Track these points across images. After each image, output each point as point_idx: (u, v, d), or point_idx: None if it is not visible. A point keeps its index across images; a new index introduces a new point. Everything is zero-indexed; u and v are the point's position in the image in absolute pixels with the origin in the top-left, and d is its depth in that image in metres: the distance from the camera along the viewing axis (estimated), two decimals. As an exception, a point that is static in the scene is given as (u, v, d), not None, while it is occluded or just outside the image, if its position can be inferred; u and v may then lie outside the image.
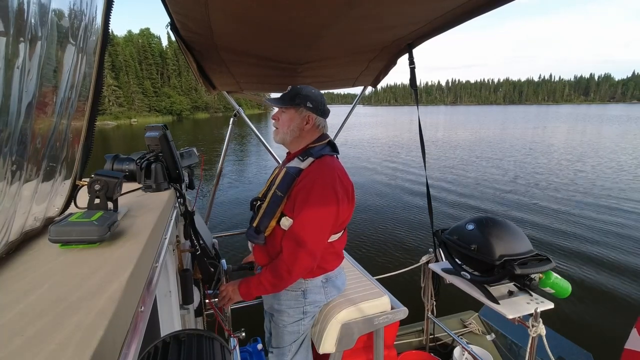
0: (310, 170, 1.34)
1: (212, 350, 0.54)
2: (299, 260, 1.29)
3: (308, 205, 1.27)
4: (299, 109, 1.39)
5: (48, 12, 0.56)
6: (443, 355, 2.36)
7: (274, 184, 1.39)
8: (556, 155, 15.37)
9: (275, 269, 1.33)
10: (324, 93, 1.58)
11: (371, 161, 14.72)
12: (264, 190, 1.48)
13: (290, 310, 1.46)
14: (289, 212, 1.34)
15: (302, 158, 1.38)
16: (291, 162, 1.41)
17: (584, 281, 4.55)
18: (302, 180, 1.33)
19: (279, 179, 1.37)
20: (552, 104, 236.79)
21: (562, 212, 7.39)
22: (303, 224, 1.29)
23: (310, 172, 1.33)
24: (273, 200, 1.36)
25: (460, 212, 7.53)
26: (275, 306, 1.48)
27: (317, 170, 1.33)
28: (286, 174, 1.36)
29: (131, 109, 69.45)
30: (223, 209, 7.96)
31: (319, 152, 1.38)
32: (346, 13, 1.27)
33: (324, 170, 1.33)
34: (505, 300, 1.49)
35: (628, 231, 6.26)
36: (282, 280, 1.33)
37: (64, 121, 0.70)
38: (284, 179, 1.36)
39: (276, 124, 1.44)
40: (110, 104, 65.76)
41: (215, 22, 1.33)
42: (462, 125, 38.78)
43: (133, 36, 79.38)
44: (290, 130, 1.41)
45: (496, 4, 1.28)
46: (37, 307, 0.44)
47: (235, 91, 2.70)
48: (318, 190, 1.28)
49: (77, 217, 0.67)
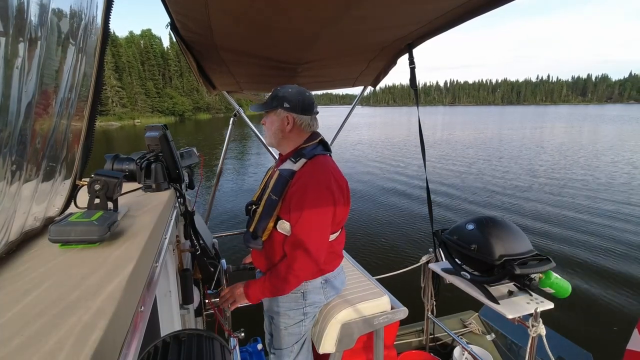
0: (303, 171, 1.33)
1: (212, 350, 0.54)
2: (305, 264, 1.29)
3: (305, 208, 1.27)
4: (277, 111, 1.38)
5: (48, 12, 0.56)
6: (443, 355, 2.36)
7: (267, 187, 1.39)
8: (557, 155, 15.37)
9: (281, 274, 1.32)
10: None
11: (371, 161, 14.72)
12: (258, 193, 1.48)
13: (290, 312, 1.45)
14: (284, 215, 1.34)
15: (295, 159, 1.37)
16: (284, 164, 1.40)
17: (584, 281, 4.55)
18: (296, 182, 1.32)
19: (273, 182, 1.37)
20: (550, 104, 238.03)
21: (563, 212, 7.39)
22: (303, 228, 1.28)
23: (303, 173, 1.33)
24: (268, 204, 1.36)
25: (461, 212, 7.53)
26: (275, 308, 1.47)
27: (310, 171, 1.33)
28: (279, 176, 1.36)
29: (134, 109, 69.70)
30: (223, 209, 7.96)
31: (311, 152, 1.37)
32: (346, 13, 1.27)
33: (317, 171, 1.32)
34: (505, 300, 1.49)
35: (629, 231, 6.26)
36: (288, 284, 1.33)
37: (64, 121, 0.70)
38: (278, 181, 1.35)
39: (264, 128, 1.45)
40: (113, 104, 66.01)
41: (215, 22, 1.33)
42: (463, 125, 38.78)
43: (135, 37, 79.55)
44: (273, 134, 1.41)
45: (496, 4, 1.28)
46: (37, 306, 0.44)
47: (235, 91, 2.70)
48: (313, 192, 1.28)
49: (77, 217, 0.67)
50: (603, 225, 6.57)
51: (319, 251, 1.31)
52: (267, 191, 1.38)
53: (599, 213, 7.31)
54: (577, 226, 6.57)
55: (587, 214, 7.29)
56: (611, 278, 4.64)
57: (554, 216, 7.15)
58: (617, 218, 6.97)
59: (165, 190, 1.14)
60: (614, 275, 4.72)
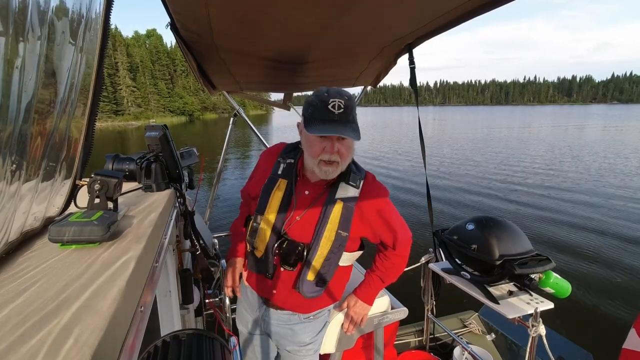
0: (365, 193, 1.21)
1: (212, 350, 0.54)
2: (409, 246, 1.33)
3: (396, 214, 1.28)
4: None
5: (48, 12, 0.56)
6: (443, 355, 2.36)
7: (322, 221, 1.17)
8: (557, 155, 15.37)
9: (392, 269, 1.34)
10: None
11: (370, 162, 14.72)
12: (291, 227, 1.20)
13: (319, 335, 1.40)
14: (352, 246, 1.26)
15: (355, 184, 1.19)
16: (341, 190, 1.18)
17: (585, 281, 4.55)
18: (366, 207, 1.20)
19: (337, 217, 1.16)
20: (537, 104, 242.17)
21: (563, 212, 7.38)
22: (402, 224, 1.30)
23: (370, 194, 1.21)
24: (338, 243, 1.17)
25: (460, 212, 7.52)
26: (306, 339, 1.36)
27: (376, 190, 1.23)
28: (347, 210, 1.17)
29: (147, 109, 70.35)
30: (223, 209, 7.96)
31: (358, 170, 1.23)
32: (346, 13, 1.27)
33: (382, 188, 1.25)
34: (505, 300, 1.49)
35: (629, 232, 6.26)
36: (400, 270, 1.36)
37: (64, 121, 0.70)
38: (345, 216, 1.16)
39: (336, 157, 1.10)
40: (129, 104, 66.41)
41: (215, 22, 1.33)
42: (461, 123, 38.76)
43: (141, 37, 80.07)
44: (348, 159, 1.16)
45: (496, 4, 1.28)
46: (36, 306, 0.44)
47: (235, 91, 2.70)
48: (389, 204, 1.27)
49: (77, 217, 0.67)
50: (603, 225, 6.56)
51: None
52: (323, 227, 1.16)
53: (599, 213, 7.31)
54: (577, 226, 6.56)
55: (589, 214, 7.28)
56: (611, 278, 4.64)
57: (554, 216, 7.15)
58: (617, 218, 6.97)
59: (165, 190, 1.14)
60: (614, 275, 4.71)
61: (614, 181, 10.18)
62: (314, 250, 1.18)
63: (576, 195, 8.79)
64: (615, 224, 6.61)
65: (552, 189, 9.48)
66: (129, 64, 69.17)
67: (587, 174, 11.27)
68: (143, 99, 70.85)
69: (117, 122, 60.86)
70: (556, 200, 8.36)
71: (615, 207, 7.69)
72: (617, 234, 6.15)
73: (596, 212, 7.36)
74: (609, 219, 6.90)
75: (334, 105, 1.03)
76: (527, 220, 6.93)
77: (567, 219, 6.95)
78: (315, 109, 1.06)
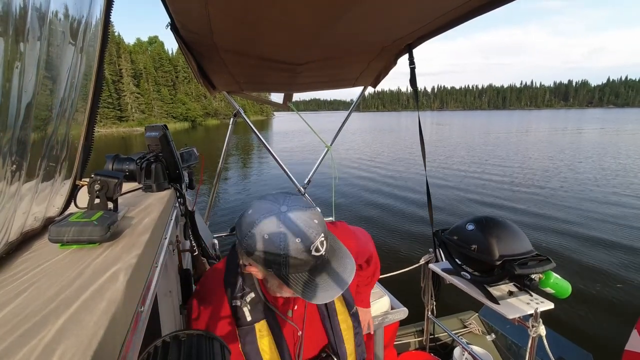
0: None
1: (212, 350, 0.54)
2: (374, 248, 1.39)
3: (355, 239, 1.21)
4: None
5: (48, 12, 0.56)
6: (443, 356, 2.36)
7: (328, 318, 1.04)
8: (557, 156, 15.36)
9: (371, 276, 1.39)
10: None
11: (370, 162, 14.71)
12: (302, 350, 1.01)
13: None
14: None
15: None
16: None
17: (585, 281, 4.55)
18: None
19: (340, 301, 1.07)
20: (534, 108, 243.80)
21: (563, 212, 7.38)
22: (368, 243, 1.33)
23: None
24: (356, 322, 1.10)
25: (461, 212, 7.53)
26: None
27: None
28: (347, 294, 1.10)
29: (151, 115, 70.77)
30: (223, 209, 7.96)
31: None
32: (346, 13, 1.27)
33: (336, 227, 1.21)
34: (505, 301, 1.49)
35: (630, 232, 6.26)
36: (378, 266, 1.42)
37: (64, 121, 0.70)
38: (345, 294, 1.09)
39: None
40: (133, 111, 66.66)
41: (215, 22, 1.33)
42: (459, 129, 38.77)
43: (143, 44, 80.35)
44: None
45: (497, 4, 1.28)
46: (35, 306, 0.44)
47: (235, 91, 2.70)
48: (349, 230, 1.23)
49: (77, 217, 0.67)
50: (603, 226, 6.57)
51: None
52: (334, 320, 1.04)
53: (602, 213, 7.31)
54: (577, 226, 6.56)
55: (589, 214, 7.28)
56: (611, 278, 4.64)
57: (555, 216, 7.15)
58: (617, 218, 6.97)
59: (165, 190, 1.14)
60: (614, 275, 4.71)
61: (614, 182, 10.19)
62: (339, 347, 1.03)
63: (576, 195, 8.79)
64: (615, 224, 6.62)
65: (552, 189, 9.48)
66: (132, 71, 69.38)
67: (587, 175, 11.27)
68: (147, 105, 71.21)
69: (121, 129, 61.05)
70: (556, 200, 8.37)
71: (616, 207, 7.69)
72: (617, 234, 6.15)
73: (596, 212, 7.36)
74: (609, 219, 6.91)
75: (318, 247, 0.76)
76: (527, 220, 6.93)
77: (567, 219, 6.95)
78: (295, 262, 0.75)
